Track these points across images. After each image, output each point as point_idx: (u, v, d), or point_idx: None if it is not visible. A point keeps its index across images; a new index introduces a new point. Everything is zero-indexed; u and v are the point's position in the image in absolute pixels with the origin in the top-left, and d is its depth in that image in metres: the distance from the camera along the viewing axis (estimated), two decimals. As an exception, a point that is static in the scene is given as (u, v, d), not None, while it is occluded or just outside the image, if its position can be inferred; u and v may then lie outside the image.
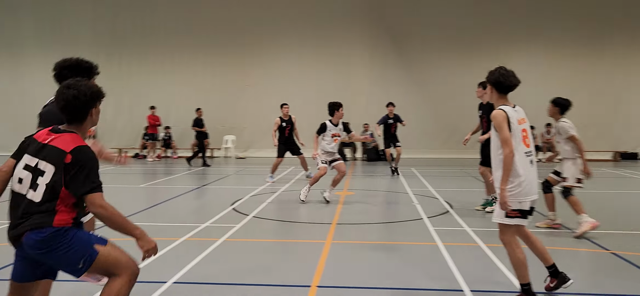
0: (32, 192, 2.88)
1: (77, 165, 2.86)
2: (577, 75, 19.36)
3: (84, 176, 2.85)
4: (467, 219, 7.72)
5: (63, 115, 3.01)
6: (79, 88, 2.94)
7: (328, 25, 20.33)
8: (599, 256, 5.88)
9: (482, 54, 19.79)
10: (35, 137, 3.02)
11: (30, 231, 2.82)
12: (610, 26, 19.08)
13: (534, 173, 4.13)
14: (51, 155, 2.90)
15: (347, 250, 6.15)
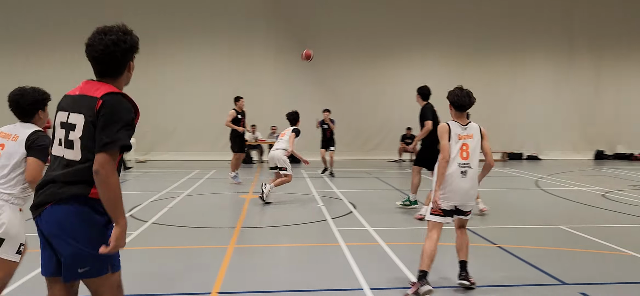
0: (68, 150, 2.54)
1: (103, 112, 2.48)
2: (469, 80, 20.60)
3: (104, 126, 2.45)
4: (369, 219, 7.93)
5: (96, 66, 2.63)
6: (118, 34, 2.59)
7: (234, 26, 20.06)
8: (486, 250, 6.27)
9: (386, 58, 20.53)
10: (68, 93, 2.69)
11: (53, 204, 2.49)
12: (496, 33, 20.55)
13: (463, 183, 4.59)
14: (81, 103, 2.55)
15: (250, 254, 6.09)
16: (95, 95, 2.51)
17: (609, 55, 20.95)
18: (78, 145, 2.51)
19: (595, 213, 8.75)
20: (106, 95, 2.50)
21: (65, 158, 2.54)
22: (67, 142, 2.54)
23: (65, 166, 2.53)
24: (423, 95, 8.90)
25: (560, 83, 20.94)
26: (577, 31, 20.86)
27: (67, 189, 2.49)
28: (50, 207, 2.51)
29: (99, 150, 2.43)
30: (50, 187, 2.54)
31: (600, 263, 5.69)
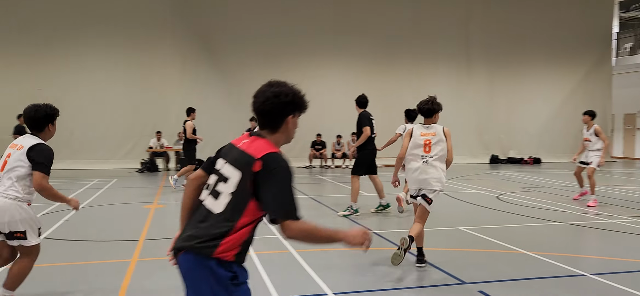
0: (211, 199, 2.51)
1: (267, 175, 2.44)
2: (376, 87, 21.30)
3: (274, 191, 2.45)
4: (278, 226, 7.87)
5: (258, 118, 2.63)
6: (281, 87, 2.62)
7: (138, 30, 19.21)
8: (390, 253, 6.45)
9: (296, 65, 20.58)
10: (233, 142, 2.69)
11: (188, 252, 2.46)
12: (401, 43, 21.41)
13: (423, 173, 5.73)
14: (241, 159, 2.52)
15: (155, 268, 5.80)
16: (254, 156, 2.49)
17: (501, 66, 22.54)
18: (225, 200, 2.48)
19: (491, 214, 9.33)
20: (266, 156, 2.48)
21: (206, 207, 2.53)
22: (213, 192, 2.53)
23: (205, 216, 2.51)
24: (360, 104, 9.24)
25: (459, 92, 22.19)
26: (474, 43, 22.25)
27: (199, 241, 2.46)
28: (183, 253, 2.51)
29: (283, 218, 2.51)
30: (188, 231, 2.54)
31: (496, 262, 6.05)
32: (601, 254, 6.66)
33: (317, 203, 10.69)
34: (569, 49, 23.01)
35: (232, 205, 2.46)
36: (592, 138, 10.41)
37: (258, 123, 2.67)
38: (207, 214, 2.50)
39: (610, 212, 9.37)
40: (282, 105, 2.59)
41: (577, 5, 23.04)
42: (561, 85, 23.09)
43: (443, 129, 5.94)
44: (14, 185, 4.10)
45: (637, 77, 24.75)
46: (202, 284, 2.45)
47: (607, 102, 23.45)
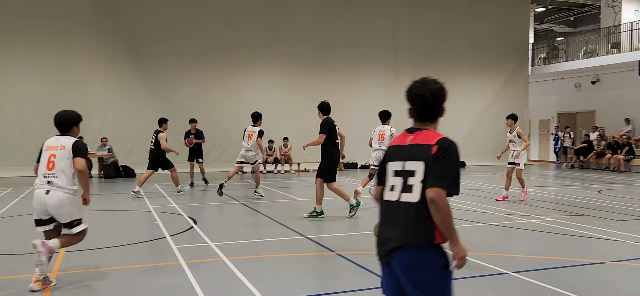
0: (407, 195, 2.75)
1: (439, 156, 2.71)
2: (309, 92, 21.42)
3: (442, 167, 2.69)
4: (211, 234, 7.71)
5: (422, 113, 2.93)
6: (436, 82, 2.99)
7: (56, 30, 18.22)
8: (326, 258, 6.48)
9: (228, 69, 20.32)
10: (392, 144, 2.97)
11: (405, 248, 2.69)
12: (333, 49, 21.66)
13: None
14: (416, 152, 2.79)
15: (78, 280, 5.49)
16: (430, 143, 2.76)
17: (428, 73, 23.16)
18: (418, 189, 2.72)
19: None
20: (441, 141, 2.77)
21: (402, 202, 2.74)
22: (405, 187, 2.76)
23: (409, 211, 2.72)
24: (323, 110, 9.44)
25: (389, 98, 22.74)
26: (401, 51, 22.90)
27: (411, 236, 2.71)
28: (400, 251, 2.70)
29: (437, 185, 2.65)
30: (392, 232, 2.75)
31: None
32: (521, 253, 7.02)
33: (249, 208, 10.57)
34: (490, 58, 24.23)
35: (422, 190, 2.72)
36: (516, 139, 11.44)
37: (417, 117, 2.95)
38: (410, 208, 2.73)
39: (529, 212, 9.92)
40: (444, 97, 2.98)
41: (497, 18, 24.31)
42: (483, 92, 24.25)
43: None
44: (70, 181, 5.07)
45: (550, 85, 26.47)
46: (427, 274, 2.70)
47: (524, 108, 24.87)
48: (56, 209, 5.05)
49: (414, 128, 2.92)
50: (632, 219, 9.12)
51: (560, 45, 27.88)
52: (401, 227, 2.72)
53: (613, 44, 23.13)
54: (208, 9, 19.98)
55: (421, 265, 2.68)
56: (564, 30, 34.22)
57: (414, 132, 2.89)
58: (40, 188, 5.09)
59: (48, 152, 5.14)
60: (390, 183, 2.84)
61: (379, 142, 11.37)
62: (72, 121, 5.35)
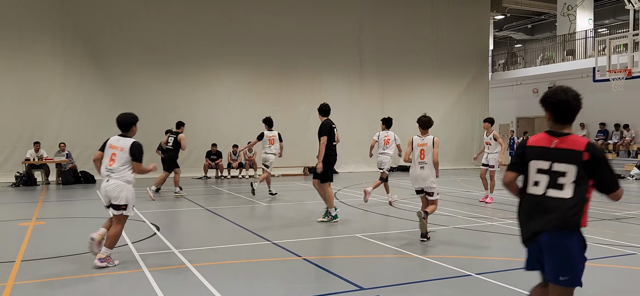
0: (556, 191, 3.27)
1: (595, 160, 3.24)
2: (273, 98, 21.37)
3: (603, 171, 3.26)
4: (175, 240, 7.57)
5: (565, 118, 3.36)
6: (572, 89, 3.39)
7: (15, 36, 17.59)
8: (292, 263, 6.46)
9: (192, 74, 20.04)
10: (533, 144, 3.44)
11: (553, 230, 3.24)
12: (297, 55, 21.67)
13: (420, 173, 7.82)
14: (566, 155, 3.28)
15: (34, 291, 5.29)
16: (579, 149, 3.26)
17: (392, 79, 23.62)
18: (571, 187, 3.25)
19: (386, 221, 9.69)
20: (588, 146, 3.27)
21: (548, 196, 3.29)
22: (555, 185, 3.28)
23: (557, 204, 3.26)
24: (322, 112, 9.50)
25: (353, 103, 22.92)
26: (365, 57, 23.11)
27: (562, 220, 3.24)
28: (546, 233, 3.26)
29: (612, 190, 3.31)
30: (539, 219, 3.29)
31: (391, 267, 6.28)
32: (484, 255, 7.17)
33: (213, 214, 10.43)
34: (452, 64, 24.73)
35: (578, 188, 3.23)
36: (492, 142, 11.88)
37: (558, 121, 3.37)
38: (559, 202, 3.25)
39: (491, 215, 10.14)
40: (581, 103, 3.39)
41: (458, 25, 24.84)
42: (445, 96, 24.71)
43: (433, 139, 7.69)
44: (126, 174, 6.19)
45: (509, 90, 27.19)
46: (570, 250, 3.25)
47: (485, 112, 25.44)
48: (113, 192, 6.12)
49: (554, 131, 3.38)
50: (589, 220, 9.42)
51: (518, 52, 28.69)
52: (549, 215, 3.25)
53: (568, 51, 23.95)
54: (170, 12, 19.70)
55: (565, 245, 3.24)
56: (522, 38, 35.27)
57: (557, 136, 3.35)
58: (104, 179, 6.25)
59: (110, 149, 6.25)
60: (533, 179, 3.36)
61: (384, 147, 11.68)
62: (130, 122, 6.42)
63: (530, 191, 3.37)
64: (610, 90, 17.30)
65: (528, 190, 3.39)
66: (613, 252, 6.89)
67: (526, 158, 3.43)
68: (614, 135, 21.93)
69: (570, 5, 24.67)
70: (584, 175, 3.25)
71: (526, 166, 3.42)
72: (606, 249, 7.08)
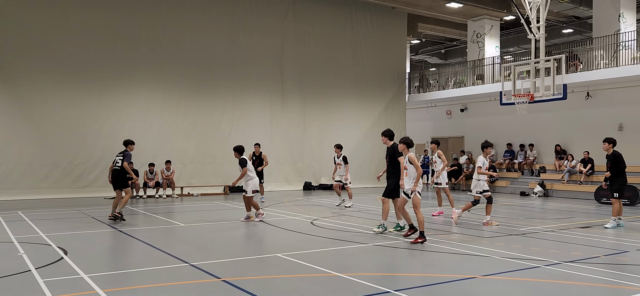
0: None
1: None
2: (193, 115, 20.87)
3: None
4: (84, 265, 7.11)
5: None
6: None
7: None
8: (211, 285, 6.27)
9: (107, 89, 19.14)
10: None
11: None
12: (218, 73, 21.37)
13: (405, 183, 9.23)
14: None
15: None
16: None
17: (313, 99, 23.88)
18: None
19: (306, 239, 9.69)
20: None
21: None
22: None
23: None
24: (390, 136, 10.34)
25: (275, 123, 22.91)
26: (288, 77, 23.22)
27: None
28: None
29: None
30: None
31: (311, 286, 6.26)
32: (401, 271, 7.34)
33: (127, 236, 9.94)
34: (371, 85, 25.46)
35: None
36: (437, 160, 12.98)
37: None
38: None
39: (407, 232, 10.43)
40: None
41: (377, 48, 25.67)
42: (365, 117, 25.34)
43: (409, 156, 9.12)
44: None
45: (425, 111, 28.39)
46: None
47: (402, 132, 26.35)
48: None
49: None
50: (498, 236, 9.96)
51: (432, 75, 30.08)
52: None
53: (478, 75, 25.44)
54: (78, 25, 18.74)
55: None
56: (436, 62, 37.08)
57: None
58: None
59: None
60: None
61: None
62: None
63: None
64: (515, 113, 18.51)
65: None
66: (519, 266, 7.30)
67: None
68: (519, 155, 23.45)
69: (479, 33, 26.27)
70: None
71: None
72: (513, 263, 7.49)
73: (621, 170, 11.32)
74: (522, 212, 14.71)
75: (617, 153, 11.40)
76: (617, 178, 11.31)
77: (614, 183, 11.33)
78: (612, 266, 7.33)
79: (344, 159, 15.14)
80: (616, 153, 11.41)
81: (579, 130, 21.20)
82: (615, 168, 11.32)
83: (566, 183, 20.11)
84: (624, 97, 20.04)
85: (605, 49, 20.36)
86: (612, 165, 11.37)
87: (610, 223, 11.20)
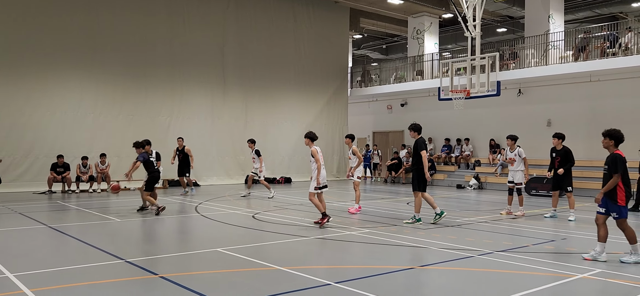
0: None
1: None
2: (131, 107, 20.16)
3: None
4: (9, 264, 6.72)
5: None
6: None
7: None
8: (148, 282, 6.08)
9: (33, 77, 18.13)
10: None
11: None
12: (157, 65, 20.74)
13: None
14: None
15: None
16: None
17: (255, 92, 23.64)
18: None
19: (247, 233, 9.59)
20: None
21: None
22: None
23: None
24: (417, 130, 10.55)
25: (216, 115, 22.52)
26: (229, 69, 22.87)
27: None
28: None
29: None
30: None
31: (252, 280, 6.20)
32: (343, 263, 7.41)
33: (57, 232, 9.47)
34: (313, 79, 25.51)
35: None
36: (352, 156, 12.85)
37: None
38: None
39: (348, 224, 10.56)
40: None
41: (320, 41, 25.75)
42: (308, 110, 25.38)
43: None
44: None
45: (367, 106, 28.78)
46: None
47: (344, 126, 26.62)
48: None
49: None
50: (436, 227, 10.25)
51: (374, 70, 30.53)
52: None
53: (418, 71, 26.05)
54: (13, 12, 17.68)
55: None
56: (377, 57, 37.65)
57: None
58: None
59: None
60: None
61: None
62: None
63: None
64: (453, 108, 19.10)
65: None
66: (455, 256, 7.54)
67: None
68: (455, 149, 24.24)
69: (419, 30, 26.89)
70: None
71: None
72: (449, 253, 7.73)
73: (572, 165, 11.80)
74: (458, 204, 15.22)
75: (567, 149, 11.81)
76: (569, 173, 11.74)
77: (567, 178, 11.70)
78: (541, 254, 7.71)
79: (256, 153, 16.26)
80: (567, 148, 11.83)
81: (511, 125, 22.17)
82: (567, 163, 11.73)
83: (499, 176, 20.99)
84: (552, 94, 21.11)
85: (536, 48, 21.36)
86: (564, 159, 11.75)
87: (573, 216, 11.48)
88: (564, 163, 11.76)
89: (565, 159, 11.78)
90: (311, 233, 9.41)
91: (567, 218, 11.52)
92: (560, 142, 11.93)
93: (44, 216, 11.69)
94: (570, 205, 11.72)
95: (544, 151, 14.64)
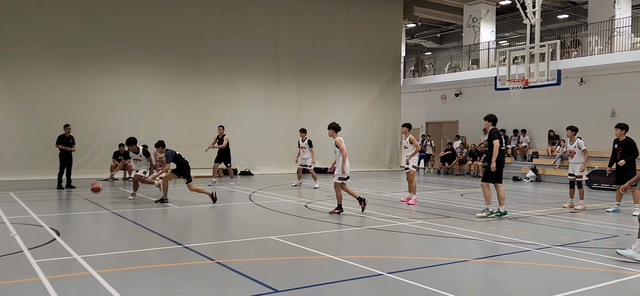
0: None
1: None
2: (184, 98, 20.74)
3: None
4: (77, 246, 7.11)
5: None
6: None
7: None
8: (205, 267, 6.29)
9: (95, 70, 18.96)
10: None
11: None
12: (210, 56, 21.20)
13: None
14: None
15: None
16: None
17: (308, 82, 23.78)
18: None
19: (300, 222, 9.72)
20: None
21: None
22: None
23: None
24: (492, 121, 10.71)
25: (269, 105, 22.83)
26: (282, 59, 23.08)
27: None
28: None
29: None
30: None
31: (305, 269, 6.29)
32: (395, 254, 7.39)
33: (119, 217, 9.93)
34: (366, 69, 25.35)
35: None
36: (408, 145, 12.70)
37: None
38: None
39: (401, 215, 10.50)
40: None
41: (373, 31, 25.53)
42: (360, 100, 25.29)
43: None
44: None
45: (420, 96, 28.37)
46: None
47: (397, 117, 26.36)
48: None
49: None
50: (490, 220, 10.03)
51: (428, 59, 30.01)
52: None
53: (473, 60, 25.41)
54: (76, 6, 18.54)
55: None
56: (431, 46, 36.96)
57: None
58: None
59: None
60: None
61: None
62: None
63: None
64: (509, 98, 18.54)
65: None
66: (510, 249, 7.37)
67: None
68: (512, 140, 23.53)
69: (475, 18, 26.19)
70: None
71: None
72: (504, 246, 7.55)
73: (635, 157, 11.21)
74: (515, 196, 14.81)
75: (630, 140, 11.25)
76: (632, 165, 11.14)
77: (630, 171, 11.01)
78: (602, 250, 7.41)
79: (309, 143, 16.26)
80: (630, 139, 11.26)
81: (572, 116, 21.28)
82: (629, 154, 11.19)
83: (558, 168, 20.23)
84: (617, 83, 20.10)
85: (600, 35, 20.36)
86: (626, 151, 11.21)
87: (637, 211, 10.91)
88: (626, 154, 11.21)
89: (627, 151, 11.22)
90: (362, 224, 9.42)
91: (632, 213, 11.00)
92: (623, 132, 11.37)
93: (107, 201, 12.26)
94: (635, 199, 11.17)
95: (607, 143, 13.99)
